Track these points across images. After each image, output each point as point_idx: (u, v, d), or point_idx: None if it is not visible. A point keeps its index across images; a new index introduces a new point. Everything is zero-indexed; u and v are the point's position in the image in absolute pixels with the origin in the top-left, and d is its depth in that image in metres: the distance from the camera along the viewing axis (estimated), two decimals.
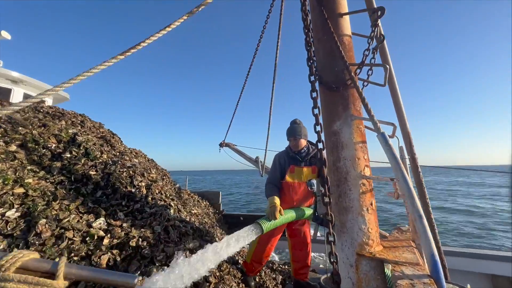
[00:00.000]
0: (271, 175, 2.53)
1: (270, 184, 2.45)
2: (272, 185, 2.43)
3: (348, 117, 1.44)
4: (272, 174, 2.53)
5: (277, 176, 2.48)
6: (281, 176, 2.49)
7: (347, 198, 1.37)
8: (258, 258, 2.67)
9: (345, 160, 1.41)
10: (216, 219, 4.97)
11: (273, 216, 2.05)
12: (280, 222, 2.12)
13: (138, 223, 2.46)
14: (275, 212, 2.07)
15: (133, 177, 2.86)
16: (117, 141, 4.30)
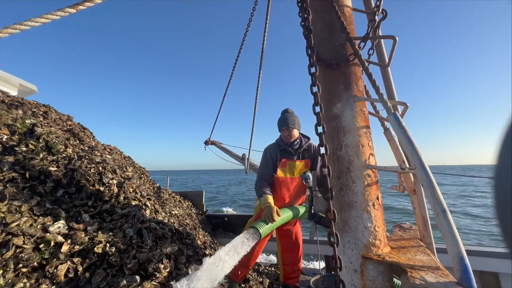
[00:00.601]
0: (262, 170, 2.29)
1: (261, 180, 2.21)
2: (264, 182, 2.19)
3: (350, 98, 1.24)
4: (263, 169, 2.28)
5: (269, 171, 2.25)
6: (273, 171, 2.27)
7: (350, 191, 1.18)
8: (245, 262, 2.43)
9: (348, 148, 1.21)
10: (199, 220, 4.67)
11: (270, 218, 1.78)
12: (278, 224, 1.87)
13: (107, 226, 2.13)
14: (272, 213, 1.80)
15: (102, 173, 2.52)
16: (88, 135, 3.89)
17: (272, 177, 2.26)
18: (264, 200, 1.98)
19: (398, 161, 1.42)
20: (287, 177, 2.23)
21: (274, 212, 1.83)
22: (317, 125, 1.13)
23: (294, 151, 2.23)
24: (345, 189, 1.18)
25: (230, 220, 4.91)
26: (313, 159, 2.25)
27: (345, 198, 1.18)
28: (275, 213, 1.84)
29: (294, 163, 2.22)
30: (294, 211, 2.11)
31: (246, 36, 3.68)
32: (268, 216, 1.81)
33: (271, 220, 1.79)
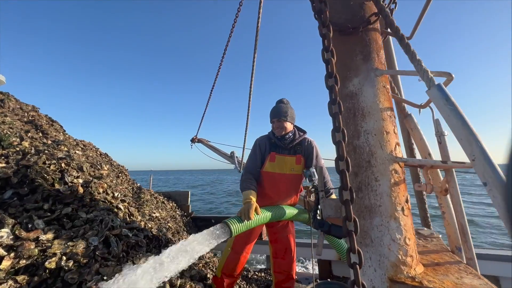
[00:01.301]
0: (249, 163, 2.04)
1: (247, 174, 1.97)
2: (250, 175, 1.94)
3: (370, 72, 0.96)
4: (250, 161, 2.04)
5: (256, 164, 2.00)
6: (260, 164, 2.01)
7: (372, 192, 0.89)
8: (231, 270, 2.13)
9: (368, 135, 0.92)
10: (184, 222, 4.31)
11: (246, 216, 1.56)
12: (255, 223, 1.63)
13: (66, 234, 1.76)
14: (249, 210, 1.58)
15: (65, 171, 2.13)
16: (56, 129, 3.45)
17: (258, 170, 2.01)
18: (246, 195, 1.74)
19: (423, 153, 1.16)
20: (276, 173, 1.97)
21: (252, 209, 1.58)
22: (331, 103, 0.84)
23: (285, 145, 1.97)
24: (364, 190, 0.90)
25: (217, 222, 4.55)
26: (307, 155, 1.99)
27: (365, 201, 0.89)
28: (253, 210, 1.59)
29: (283, 158, 1.96)
30: (279, 211, 1.86)
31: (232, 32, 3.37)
32: (244, 212, 1.57)
33: (247, 217, 1.54)
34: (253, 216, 1.56)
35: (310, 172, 1.54)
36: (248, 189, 1.81)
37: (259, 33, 2.79)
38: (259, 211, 1.63)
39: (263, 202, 1.97)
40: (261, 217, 1.66)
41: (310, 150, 1.96)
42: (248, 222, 1.57)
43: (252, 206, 1.61)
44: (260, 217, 1.64)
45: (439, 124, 1.08)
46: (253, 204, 1.64)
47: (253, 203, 1.64)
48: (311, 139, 2.02)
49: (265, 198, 2.01)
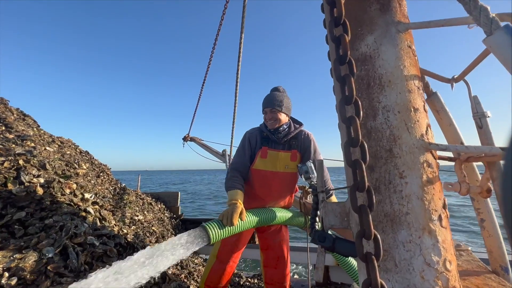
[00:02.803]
0: (236, 158, 1.76)
1: (233, 171, 1.69)
2: (236, 172, 1.67)
3: (390, 26, 0.69)
4: (237, 157, 1.76)
5: (244, 160, 1.72)
6: (250, 161, 1.73)
7: (396, 194, 0.62)
8: (215, 282, 1.85)
9: (388, 113, 0.65)
10: (173, 225, 4.02)
11: (228, 221, 1.31)
12: (238, 229, 1.39)
13: (15, 243, 1.46)
14: (232, 214, 1.33)
15: (22, 169, 1.83)
16: (29, 124, 3.14)
17: (247, 168, 1.74)
18: (231, 195, 1.49)
19: (452, 143, 0.90)
20: (267, 171, 1.71)
21: (236, 213, 1.33)
22: (338, 62, 0.57)
23: (278, 139, 1.70)
24: (384, 190, 0.63)
25: None
26: (303, 149, 1.73)
27: (385, 206, 0.62)
28: (238, 214, 1.34)
29: (277, 153, 1.69)
30: (268, 214, 1.59)
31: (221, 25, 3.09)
32: (227, 216, 1.32)
33: (229, 222, 1.29)
34: (236, 221, 1.30)
35: (307, 167, 1.26)
36: (233, 188, 1.54)
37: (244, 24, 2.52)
38: (244, 216, 1.37)
39: (253, 204, 1.70)
40: (246, 222, 1.39)
41: (307, 144, 1.69)
42: (230, 228, 1.31)
43: (237, 209, 1.36)
44: (244, 222, 1.38)
45: (479, 102, 0.82)
46: (239, 207, 1.38)
47: (239, 206, 1.38)
48: (308, 132, 1.75)
49: (255, 199, 1.75)
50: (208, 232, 1.25)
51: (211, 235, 1.25)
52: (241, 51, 2.56)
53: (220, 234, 1.29)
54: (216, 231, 1.28)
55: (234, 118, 3.04)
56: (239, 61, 2.67)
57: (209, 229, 1.26)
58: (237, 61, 2.77)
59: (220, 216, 1.37)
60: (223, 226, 1.31)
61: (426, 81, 0.91)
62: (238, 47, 2.64)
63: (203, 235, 1.22)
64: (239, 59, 2.63)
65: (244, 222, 1.40)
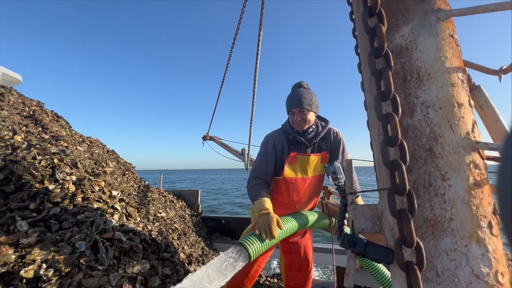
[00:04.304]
0: (257, 165, 1.63)
1: (256, 179, 1.58)
2: (259, 180, 1.56)
3: (429, 14, 0.63)
4: (260, 165, 1.61)
5: (267, 168, 1.59)
6: (276, 170, 1.61)
7: (437, 198, 0.57)
8: (238, 284, 1.84)
9: (428, 110, 0.60)
10: (193, 222, 4.11)
11: (268, 233, 1.20)
12: (278, 239, 1.29)
13: (50, 237, 1.56)
14: (271, 225, 1.22)
15: (56, 167, 1.95)
16: (62, 125, 3.35)
17: (271, 176, 1.61)
18: (260, 204, 1.37)
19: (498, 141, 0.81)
20: (298, 178, 1.60)
21: (274, 224, 1.23)
22: (373, 55, 0.53)
23: (308, 142, 1.57)
24: (424, 194, 0.58)
25: (227, 223, 4.32)
26: (333, 150, 1.62)
27: (425, 211, 0.57)
28: (275, 225, 1.24)
29: (307, 158, 1.57)
30: (301, 220, 1.51)
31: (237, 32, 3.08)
32: (265, 229, 1.21)
33: (269, 235, 1.19)
34: (276, 232, 1.21)
35: (335, 167, 1.18)
36: (260, 197, 1.43)
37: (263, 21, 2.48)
38: (281, 224, 1.27)
39: (279, 211, 1.61)
40: (285, 230, 1.30)
41: (337, 143, 1.58)
42: (271, 241, 1.22)
43: (272, 219, 1.25)
44: (283, 231, 1.28)
45: None
46: (273, 216, 1.28)
47: (273, 215, 1.28)
48: (337, 130, 1.62)
49: (285, 207, 1.66)
50: (247, 249, 1.12)
51: (251, 251, 1.13)
52: (259, 50, 2.53)
53: (261, 248, 1.18)
54: (257, 247, 1.15)
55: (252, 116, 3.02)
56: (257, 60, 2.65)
57: (248, 246, 1.14)
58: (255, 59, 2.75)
59: (257, 229, 1.25)
60: (263, 239, 1.20)
61: (468, 73, 0.83)
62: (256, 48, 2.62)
63: (241, 253, 1.10)
64: (257, 58, 2.61)
65: (283, 232, 1.30)
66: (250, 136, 3.26)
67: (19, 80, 6.32)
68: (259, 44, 2.50)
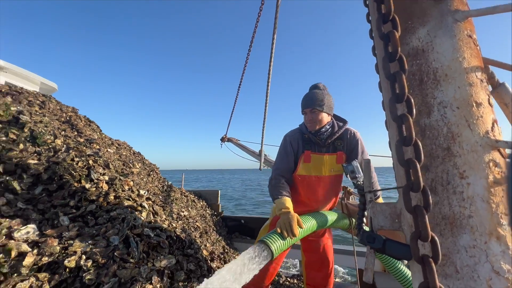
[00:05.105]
0: (278, 163, 1.71)
1: (277, 177, 1.64)
2: (281, 178, 1.62)
3: (446, 16, 0.65)
4: (281, 162, 1.69)
5: (287, 165, 1.67)
6: (294, 165, 1.68)
7: (456, 195, 0.59)
8: (258, 280, 1.90)
9: (445, 110, 0.61)
10: (214, 222, 4.23)
11: (289, 231, 1.26)
12: (299, 237, 1.34)
13: (88, 231, 1.72)
14: (291, 224, 1.27)
15: (92, 168, 2.13)
16: (94, 129, 3.62)
17: (291, 172, 1.68)
18: (281, 203, 1.43)
19: None
20: (312, 176, 1.64)
21: (294, 223, 1.28)
22: (387, 59, 0.56)
23: (322, 141, 1.62)
24: (442, 191, 0.59)
25: (247, 223, 4.39)
26: (350, 150, 1.64)
27: (443, 208, 0.59)
28: (296, 223, 1.28)
29: (321, 157, 1.62)
30: (321, 219, 1.54)
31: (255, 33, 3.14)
32: (286, 227, 1.26)
33: (291, 233, 1.24)
34: (297, 231, 1.26)
35: (353, 166, 1.21)
36: (281, 196, 1.49)
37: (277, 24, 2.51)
38: (301, 223, 1.32)
39: (298, 209, 1.67)
40: (305, 229, 1.35)
41: (354, 144, 1.60)
42: (292, 239, 1.27)
43: (293, 218, 1.30)
44: (304, 230, 1.33)
45: None
46: (293, 215, 1.33)
47: (293, 214, 1.33)
48: (355, 130, 1.64)
49: (301, 204, 1.72)
50: (270, 246, 1.18)
51: (274, 249, 1.18)
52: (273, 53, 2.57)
53: (282, 246, 1.23)
54: (278, 244, 1.21)
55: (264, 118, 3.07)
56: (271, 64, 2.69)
57: (271, 244, 1.19)
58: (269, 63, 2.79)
59: (278, 228, 1.31)
60: (284, 237, 1.25)
61: (491, 71, 0.82)
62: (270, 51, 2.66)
63: (265, 251, 1.15)
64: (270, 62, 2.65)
65: (304, 230, 1.35)
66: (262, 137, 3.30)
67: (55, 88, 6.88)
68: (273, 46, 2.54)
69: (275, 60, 2.55)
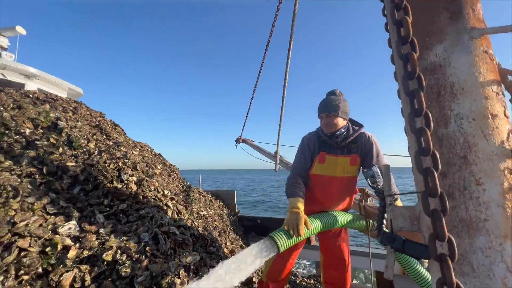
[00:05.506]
0: (297, 163, 1.83)
1: (295, 177, 1.76)
2: (299, 179, 1.73)
3: (462, 34, 0.70)
4: (299, 162, 1.82)
5: (305, 165, 1.78)
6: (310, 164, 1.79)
7: (472, 200, 0.64)
8: (276, 276, 2.00)
9: (462, 121, 0.67)
10: (231, 221, 4.35)
11: (295, 231, 1.38)
12: (305, 237, 1.45)
13: (121, 228, 1.88)
14: (298, 225, 1.39)
15: (122, 169, 2.30)
16: (119, 132, 3.84)
17: (308, 173, 1.79)
18: (293, 203, 1.55)
19: None
20: (325, 176, 1.73)
21: (301, 223, 1.39)
22: (406, 77, 0.62)
23: (337, 144, 1.71)
24: (459, 196, 0.65)
25: (263, 223, 4.48)
26: (365, 153, 1.69)
27: (460, 212, 0.64)
28: (303, 224, 1.40)
29: (335, 158, 1.70)
30: (330, 220, 1.61)
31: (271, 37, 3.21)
32: (293, 226, 1.38)
33: (296, 233, 1.36)
34: (303, 232, 1.38)
35: (373, 171, 1.27)
36: (295, 195, 1.61)
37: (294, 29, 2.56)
38: (309, 224, 1.43)
39: (312, 207, 1.76)
40: (312, 229, 1.45)
41: (369, 147, 1.67)
42: (297, 237, 1.39)
43: (300, 219, 1.42)
44: (310, 230, 1.44)
45: None
46: (302, 216, 1.44)
47: (302, 216, 1.45)
48: (370, 134, 1.72)
49: (315, 202, 1.80)
50: (276, 242, 1.33)
51: (280, 245, 1.33)
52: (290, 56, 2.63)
53: (288, 243, 1.37)
54: (284, 241, 1.35)
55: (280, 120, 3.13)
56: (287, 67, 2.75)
57: (277, 239, 1.34)
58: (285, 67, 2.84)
59: (285, 225, 1.43)
60: (290, 236, 1.38)
61: (509, 80, 0.85)
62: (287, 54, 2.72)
63: (272, 245, 1.31)
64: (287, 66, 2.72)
65: (309, 231, 1.45)
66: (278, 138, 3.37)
67: (80, 93, 7.30)
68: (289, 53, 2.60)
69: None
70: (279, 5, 2.70)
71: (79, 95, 7.52)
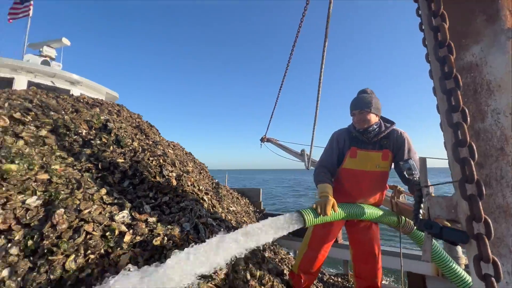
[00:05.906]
0: (324, 156, 1.95)
1: (321, 167, 1.88)
2: (324, 168, 1.86)
3: (499, 35, 0.75)
4: (325, 155, 1.94)
5: (331, 159, 1.89)
6: (338, 161, 1.88)
7: (509, 188, 0.69)
8: (307, 268, 2.08)
9: (498, 116, 0.72)
10: (257, 218, 4.49)
11: (322, 210, 1.51)
12: (330, 219, 1.57)
13: (165, 218, 2.09)
14: (326, 205, 1.52)
15: (163, 166, 2.53)
16: (154, 132, 4.15)
17: (334, 165, 1.89)
18: (322, 188, 1.67)
19: None
20: (357, 170, 1.80)
21: (329, 205, 1.52)
22: (443, 77, 0.69)
23: (369, 139, 1.76)
24: (496, 185, 0.71)
25: None
26: (397, 148, 1.73)
27: (497, 199, 0.70)
28: (330, 206, 1.52)
29: (367, 153, 1.76)
30: (357, 209, 1.68)
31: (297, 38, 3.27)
32: (321, 206, 1.52)
33: (323, 212, 1.50)
34: (329, 211, 1.51)
35: (409, 164, 1.33)
36: (323, 182, 1.73)
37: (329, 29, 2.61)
38: (336, 208, 1.55)
39: (342, 200, 1.83)
40: (337, 213, 1.58)
41: (401, 142, 1.71)
42: (324, 217, 1.53)
43: (329, 201, 1.55)
44: (336, 213, 1.57)
45: None
46: (331, 199, 1.57)
47: (331, 198, 1.57)
48: (402, 131, 1.75)
49: (345, 196, 1.87)
50: (304, 217, 1.49)
51: (307, 220, 1.48)
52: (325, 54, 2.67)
53: (314, 220, 1.51)
54: (311, 217, 1.50)
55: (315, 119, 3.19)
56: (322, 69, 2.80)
57: (305, 215, 1.50)
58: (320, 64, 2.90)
59: (314, 205, 1.58)
60: (317, 214, 1.53)
61: None
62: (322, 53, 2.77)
63: (300, 218, 1.48)
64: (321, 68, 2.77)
65: (338, 213, 1.57)
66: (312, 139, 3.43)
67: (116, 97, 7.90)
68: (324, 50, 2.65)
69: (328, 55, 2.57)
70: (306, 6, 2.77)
71: (115, 98, 8.11)
